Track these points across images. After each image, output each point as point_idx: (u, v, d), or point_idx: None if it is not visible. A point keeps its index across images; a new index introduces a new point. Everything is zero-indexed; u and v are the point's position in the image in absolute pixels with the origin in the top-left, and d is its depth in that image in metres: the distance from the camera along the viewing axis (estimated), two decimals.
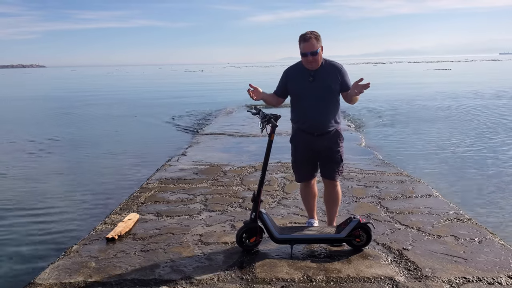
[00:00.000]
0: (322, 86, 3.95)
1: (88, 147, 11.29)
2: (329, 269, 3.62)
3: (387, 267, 3.65)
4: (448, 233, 4.35)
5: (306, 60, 3.90)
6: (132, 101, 25.06)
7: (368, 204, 5.34)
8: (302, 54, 3.89)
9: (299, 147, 4.16)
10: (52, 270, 3.72)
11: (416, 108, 17.86)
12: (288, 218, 4.92)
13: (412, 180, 6.40)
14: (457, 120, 14.07)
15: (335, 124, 4.02)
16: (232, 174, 6.98)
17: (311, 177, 4.27)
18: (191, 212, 5.16)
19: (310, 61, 3.89)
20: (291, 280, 3.47)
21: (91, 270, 3.70)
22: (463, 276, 3.46)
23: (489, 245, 4.05)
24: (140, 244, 4.26)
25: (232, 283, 3.45)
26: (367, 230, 3.93)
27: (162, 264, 3.79)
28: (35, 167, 9.06)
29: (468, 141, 10.60)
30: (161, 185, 6.42)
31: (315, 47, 3.84)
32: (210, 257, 3.92)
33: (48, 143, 11.91)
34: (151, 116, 17.36)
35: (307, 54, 3.86)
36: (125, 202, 5.65)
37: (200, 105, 21.25)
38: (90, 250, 4.13)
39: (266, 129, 3.86)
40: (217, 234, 4.46)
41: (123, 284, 3.47)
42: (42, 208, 6.32)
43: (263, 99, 4.11)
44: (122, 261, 3.87)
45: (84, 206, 6.36)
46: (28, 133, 13.67)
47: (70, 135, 13.34)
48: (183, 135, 12.73)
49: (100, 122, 16.20)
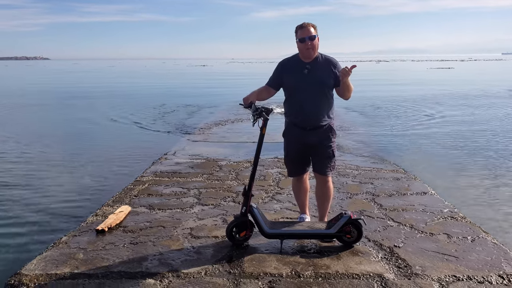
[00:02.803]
0: (317, 79, 3.91)
1: (82, 140, 11.27)
2: (318, 265, 3.58)
3: (377, 264, 3.60)
4: (441, 231, 4.31)
5: (304, 46, 3.85)
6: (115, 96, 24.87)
7: (362, 201, 5.29)
8: (301, 40, 3.85)
9: (292, 141, 4.12)
10: (39, 261, 3.69)
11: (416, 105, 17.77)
12: (280, 213, 4.89)
13: (408, 178, 6.35)
14: (456, 120, 13.97)
15: (328, 119, 3.98)
16: (227, 168, 6.94)
17: (303, 172, 4.22)
18: (184, 206, 5.12)
19: (309, 47, 3.84)
20: (279, 275, 3.43)
21: (78, 262, 3.67)
22: (453, 275, 3.42)
23: (481, 244, 4.00)
24: (130, 236, 4.23)
25: (220, 277, 3.41)
26: (358, 226, 3.89)
27: (150, 257, 3.76)
28: (31, 157, 9.02)
29: (469, 139, 10.52)
30: (156, 178, 6.38)
31: (313, 33, 3.82)
32: (199, 250, 3.89)
33: (42, 134, 11.89)
34: (149, 111, 17.32)
35: (305, 39, 3.82)
36: (118, 194, 5.62)
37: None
38: (79, 242, 4.09)
39: (258, 123, 3.82)
40: (208, 228, 4.42)
41: (109, 276, 3.44)
42: (34, 199, 6.27)
43: (257, 97, 4.05)
44: (110, 253, 3.83)
45: (77, 198, 6.31)
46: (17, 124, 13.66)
47: (63, 128, 13.32)
48: (178, 130, 12.68)
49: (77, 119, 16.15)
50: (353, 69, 3.72)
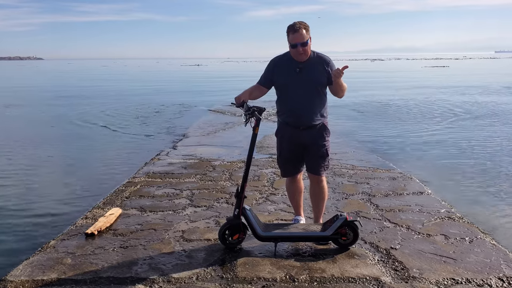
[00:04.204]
0: (310, 78, 3.81)
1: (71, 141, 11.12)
2: (313, 269, 3.49)
3: (373, 267, 3.51)
4: (438, 232, 4.22)
5: (296, 51, 3.75)
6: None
7: (358, 201, 5.20)
8: (292, 45, 3.74)
9: (284, 141, 4.02)
10: (25, 267, 3.58)
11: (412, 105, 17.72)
12: (275, 215, 4.79)
13: (404, 177, 6.27)
14: (457, 117, 13.92)
15: (321, 118, 3.88)
16: (221, 169, 6.83)
17: (296, 172, 4.12)
18: (176, 208, 5.01)
19: (301, 52, 3.74)
20: (272, 280, 3.33)
21: (66, 267, 3.55)
22: (451, 277, 3.33)
23: (480, 245, 3.92)
24: (120, 240, 4.11)
25: (211, 282, 3.31)
26: (354, 228, 3.80)
27: (140, 261, 3.65)
28: (20, 158, 8.87)
29: (465, 138, 10.45)
30: (148, 179, 6.26)
31: (305, 38, 3.70)
32: (190, 254, 3.78)
33: (30, 135, 11.74)
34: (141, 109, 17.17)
35: (297, 45, 3.71)
36: (109, 196, 5.50)
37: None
38: (68, 246, 3.98)
39: (250, 123, 3.72)
40: (200, 231, 4.32)
41: (98, 282, 3.33)
42: (23, 202, 6.10)
43: (249, 96, 3.94)
44: (100, 258, 3.72)
45: (67, 201, 6.12)
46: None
47: (52, 128, 13.15)
48: (171, 131, 12.55)
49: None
50: (344, 69, 3.64)
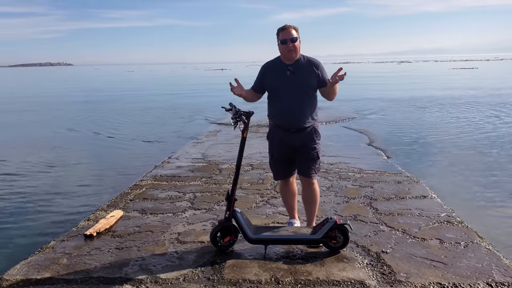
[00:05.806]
0: (300, 81, 3.85)
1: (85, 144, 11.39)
2: (299, 271, 3.50)
3: (360, 271, 3.50)
4: (434, 236, 4.16)
5: (286, 47, 3.81)
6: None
7: (358, 205, 5.17)
8: (282, 41, 3.82)
9: (276, 144, 4.05)
10: (22, 266, 3.72)
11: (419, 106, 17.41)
12: (272, 218, 4.81)
13: (410, 181, 6.18)
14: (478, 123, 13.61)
15: (311, 120, 3.90)
16: (227, 172, 6.89)
17: (289, 175, 4.14)
18: (176, 210, 5.10)
19: (290, 49, 3.80)
20: (257, 282, 3.36)
21: (60, 267, 3.68)
22: (438, 282, 3.29)
23: (474, 250, 3.84)
24: (117, 241, 4.22)
25: (197, 284, 3.36)
26: (344, 231, 3.79)
27: (132, 262, 3.74)
28: (35, 162, 9.15)
29: (481, 142, 10.21)
30: (154, 182, 6.39)
31: (295, 35, 3.80)
32: (182, 256, 3.85)
33: (50, 136, 12.07)
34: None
35: (287, 41, 3.79)
36: (114, 199, 5.63)
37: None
38: (66, 247, 4.11)
39: (239, 126, 3.76)
40: (196, 233, 4.38)
41: (88, 281, 3.44)
42: (32, 206, 6.28)
43: (242, 95, 4.00)
44: (94, 258, 3.83)
45: (74, 203, 6.29)
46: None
47: (68, 132, 13.48)
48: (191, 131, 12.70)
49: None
50: (341, 79, 3.67)
